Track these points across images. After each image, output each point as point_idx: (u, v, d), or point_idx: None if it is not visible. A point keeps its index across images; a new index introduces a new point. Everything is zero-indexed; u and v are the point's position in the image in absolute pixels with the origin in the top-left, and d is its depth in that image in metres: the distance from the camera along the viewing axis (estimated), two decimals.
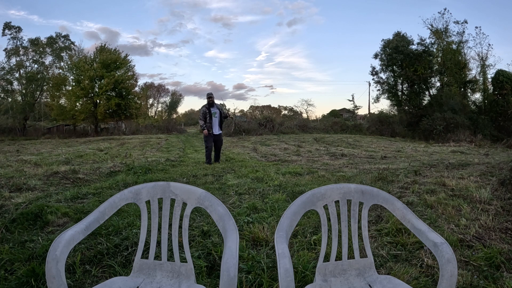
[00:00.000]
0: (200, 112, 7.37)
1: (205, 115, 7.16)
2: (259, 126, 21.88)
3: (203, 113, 7.18)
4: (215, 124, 7.26)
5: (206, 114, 7.15)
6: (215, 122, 7.26)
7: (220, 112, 7.37)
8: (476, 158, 7.55)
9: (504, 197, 3.40)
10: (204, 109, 7.19)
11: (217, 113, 7.28)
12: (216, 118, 7.28)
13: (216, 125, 7.29)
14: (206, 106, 7.20)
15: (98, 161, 7.93)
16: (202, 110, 7.23)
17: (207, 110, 7.14)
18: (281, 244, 1.16)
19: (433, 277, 1.91)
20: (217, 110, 7.29)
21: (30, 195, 3.95)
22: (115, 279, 1.32)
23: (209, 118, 7.15)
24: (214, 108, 7.26)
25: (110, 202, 1.38)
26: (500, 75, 19.60)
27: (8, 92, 26.87)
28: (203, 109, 7.22)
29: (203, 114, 7.18)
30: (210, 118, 7.17)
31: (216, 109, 7.29)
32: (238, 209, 3.35)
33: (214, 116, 7.23)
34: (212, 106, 7.21)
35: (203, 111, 7.20)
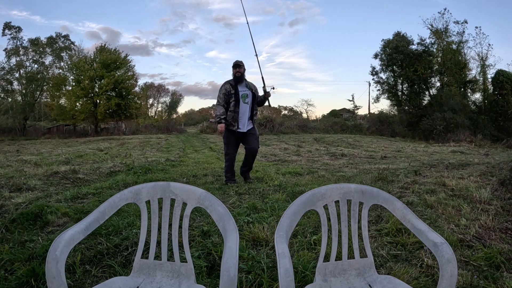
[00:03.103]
0: (220, 92, 4.47)
1: (228, 97, 4.42)
2: (259, 126, 21.88)
3: (225, 93, 4.43)
4: (244, 114, 4.46)
5: (229, 95, 4.41)
6: (244, 112, 4.46)
7: (253, 95, 4.52)
8: (476, 158, 7.55)
9: (504, 197, 3.40)
10: (228, 87, 4.43)
11: (248, 95, 4.48)
12: (247, 105, 4.48)
13: (246, 117, 4.48)
14: (231, 83, 4.46)
15: (98, 161, 7.93)
16: (224, 89, 4.46)
17: (231, 89, 4.43)
18: (281, 244, 1.16)
19: (433, 277, 1.91)
20: (248, 90, 4.51)
21: (30, 195, 3.95)
22: (115, 279, 1.32)
23: (234, 104, 4.39)
24: (243, 86, 4.48)
25: (110, 202, 1.38)
26: (500, 75, 19.60)
27: (8, 92, 26.87)
28: (226, 87, 4.46)
29: (224, 96, 4.43)
30: (237, 104, 4.40)
31: (247, 88, 4.52)
32: (238, 209, 3.35)
33: (244, 102, 4.46)
34: (240, 82, 4.45)
35: (224, 91, 4.45)
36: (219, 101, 4.42)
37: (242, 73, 4.46)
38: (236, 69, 4.46)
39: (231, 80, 4.48)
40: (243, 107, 4.46)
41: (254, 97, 4.55)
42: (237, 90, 4.42)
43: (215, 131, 24.30)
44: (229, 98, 4.40)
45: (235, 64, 4.46)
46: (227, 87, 4.43)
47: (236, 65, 4.46)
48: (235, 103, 4.39)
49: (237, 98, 4.40)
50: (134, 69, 28.82)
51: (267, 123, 22.56)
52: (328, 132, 23.17)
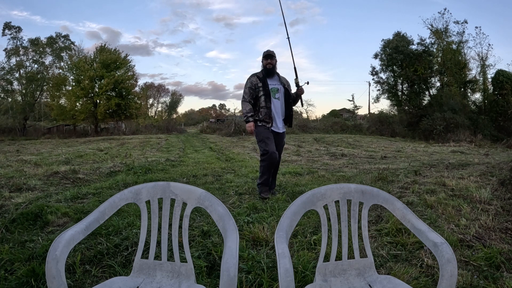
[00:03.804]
0: (245, 86, 3.82)
1: (255, 92, 3.75)
2: None
3: (251, 87, 3.76)
4: (277, 111, 3.79)
5: (257, 89, 3.74)
6: (277, 109, 3.79)
7: (286, 91, 3.84)
8: (476, 158, 7.55)
9: (504, 197, 3.40)
10: (254, 80, 3.78)
11: (280, 90, 3.80)
12: (279, 101, 3.80)
13: (280, 116, 3.82)
14: (258, 75, 3.80)
15: (98, 161, 7.93)
16: (250, 82, 3.78)
17: (258, 81, 3.75)
18: (281, 244, 1.16)
19: (433, 277, 1.91)
20: (279, 84, 3.83)
21: (30, 195, 3.95)
22: (115, 279, 1.32)
23: (264, 98, 3.71)
24: (275, 80, 3.83)
25: (110, 202, 1.38)
26: (500, 75, 19.60)
27: (8, 92, 26.88)
28: (252, 80, 3.79)
29: (250, 90, 3.76)
30: (267, 99, 3.71)
31: (278, 83, 3.84)
32: (238, 209, 3.35)
33: (274, 97, 3.76)
34: (270, 75, 3.80)
35: (250, 84, 3.78)
36: (245, 97, 3.74)
37: (274, 64, 3.77)
38: (267, 60, 3.74)
39: (259, 72, 3.82)
40: (274, 103, 3.74)
41: (287, 94, 3.82)
42: (266, 82, 3.72)
43: (215, 131, 24.29)
44: (256, 92, 3.72)
45: (267, 55, 3.76)
46: (253, 80, 3.74)
47: (268, 55, 3.75)
48: (266, 98, 3.67)
49: (267, 91, 3.67)
50: (134, 69, 28.87)
51: None
52: (328, 132, 23.17)
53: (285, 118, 3.88)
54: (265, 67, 3.79)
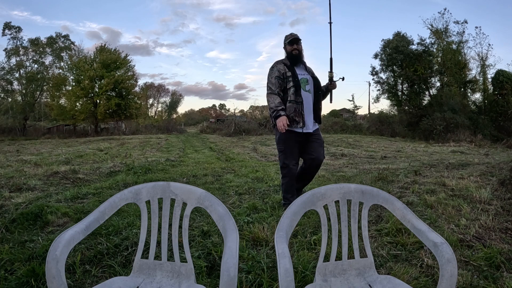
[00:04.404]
0: (270, 75, 3.18)
1: (282, 82, 3.12)
2: (259, 126, 21.88)
3: (278, 77, 3.12)
4: (307, 107, 3.15)
5: (284, 79, 3.12)
6: (307, 103, 3.15)
7: (314, 81, 3.24)
8: (476, 158, 7.55)
9: (504, 197, 3.40)
10: (281, 67, 3.16)
11: (309, 81, 3.19)
12: (309, 95, 3.17)
13: (310, 111, 3.18)
14: (285, 62, 3.19)
15: (98, 161, 7.93)
16: (278, 71, 3.14)
17: (286, 70, 3.14)
18: (281, 244, 1.16)
19: (433, 277, 1.91)
20: (308, 75, 3.23)
21: (30, 195, 3.95)
22: (115, 279, 1.32)
23: (294, 91, 3.09)
24: (302, 69, 3.24)
25: (110, 202, 1.38)
26: (500, 75, 19.59)
27: (8, 92, 26.89)
28: (279, 67, 3.16)
29: (278, 80, 3.12)
30: (297, 91, 3.09)
31: (306, 72, 3.25)
32: (238, 209, 3.35)
33: (305, 89, 3.15)
34: (297, 63, 3.21)
35: (277, 73, 3.14)
36: (272, 88, 3.06)
37: (300, 51, 3.18)
38: (293, 45, 3.14)
39: (284, 59, 3.21)
40: (304, 97, 3.09)
41: (317, 86, 3.22)
42: (295, 72, 3.09)
43: (215, 131, 24.25)
44: (284, 83, 3.08)
45: (293, 39, 3.14)
46: (281, 68, 3.11)
47: (294, 39, 3.14)
48: (295, 90, 3.03)
49: (297, 82, 3.04)
50: (134, 69, 28.89)
51: (267, 123, 22.54)
52: (328, 132, 23.16)
53: (315, 113, 3.22)
54: (291, 53, 3.16)
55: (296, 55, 3.19)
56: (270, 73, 3.18)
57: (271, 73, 3.18)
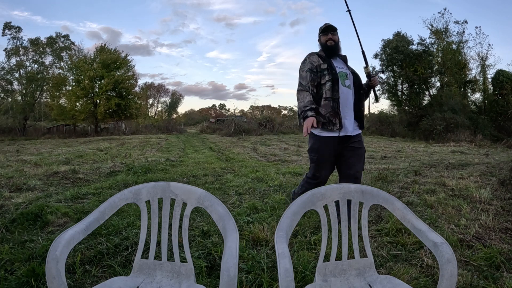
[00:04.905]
0: (302, 68, 2.68)
1: (317, 76, 2.60)
2: (259, 126, 21.87)
3: (311, 70, 2.61)
4: (347, 105, 2.60)
5: (318, 72, 2.60)
6: (347, 101, 2.60)
7: (355, 77, 2.73)
8: (476, 158, 7.55)
9: (504, 197, 3.40)
10: (315, 59, 2.66)
11: (349, 76, 2.67)
12: (349, 91, 2.64)
13: (351, 110, 2.63)
14: (319, 54, 2.71)
15: (98, 161, 7.93)
16: (309, 63, 2.64)
17: (321, 62, 2.63)
18: (281, 244, 1.16)
19: (433, 277, 1.91)
20: (347, 69, 2.71)
21: (30, 195, 3.95)
22: (115, 279, 1.32)
23: (331, 85, 2.54)
24: (340, 62, 2.74)
25: (110, 202, 1.38)
26: (500, 75, 19.59)
27: (8, 92, 26.89)
28: (312, 59, 2.66)
29: (310, 73, 2.60)
30: (335, 86, 2.55)
31: (346, 67, 2.74)
32: (238, 209, 3.35)
33: (344, 84, 2.61)
34: (334, 55, 2.71)
35: (310, 65, 2.63)
36: (302, 84, 2.57)
37: (336, 42, 2.66)
38: (327, 35, 2.64)
39: (319, 50, 2.71)
40: (344, 93, 2.54)
41: (358, 83, 2.69)
42: (332, 64, 2.57)
43: (215, 131, 24.25)
44: (319, 77, 2.55)
45: (327, 27, 2.65)
46: (314, 60, 2.60)
47: (328, 27, 2.64)
48: (332, 85, 2.50)
49: (334, 75, 2.51)
50: (134, 69, 28.89)
51: (267, 123, 22.55)
52: None
53: (356, 115, 2.65)
54: (325, 45, 2.65)
55: (332, 46, 2.66)
56: (301, 66, 2.67)
57: (302, 66, 2.66)
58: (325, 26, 2.72)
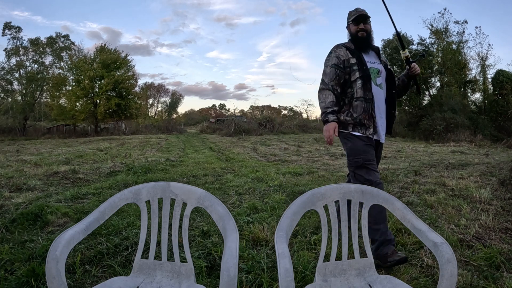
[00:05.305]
0: (326, 63, 2.27)
1: (344, 72, 2.21)
2: (259, 126, 21.87)
3: (337, 65, 2.20)
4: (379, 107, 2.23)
5: (346, 69, 2.20)
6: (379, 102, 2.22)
7: (388, 73, 2.29)
8: (476, 158, 7.55)
9: (504, 197, 3.40)
10: (342, 52, 2.23)
11: (381, 72, 2.26)
12: (381, 91, 2.24)
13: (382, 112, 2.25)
14: (349, 46, 2.27)
15: (98, 161, 7.93)
16: (335, 57, 2.23)
17: (350, 55, 2.22)
18: (281, 244, 1.16)
19: (433, 277, 1.91)
20: (380, 64, 2.28)
21: (30, 195, 3.95)
22: (115, 279, 1.32)
23: (361, 84, 2.16)
24: (372, 56, 2.29)
25: (110, 202, 1.38)
26: (500, 75, 19.59)
27: (8, 92, 26.90)
28: (339, 53, 2.24)
29: (335, 70, 2.20)
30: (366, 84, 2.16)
31: (378, 61, 2.29)
32: (238, 209, 3.35)
33: (375, 82, 2.21)
34: (365, 48, 2.28)
35: (336, 60, 2.22)
36: (325, 81, 2.21)
37: (369, 32, 2.26)
38: (358, 24, 2.24)
39: (347, 42, 2.31)
40: (376, 93, 2.19)
41: (391, 80, 2.29)
42: (362, 58, 2.19)
43: (215, 131, 24.24)
44: (347, 74, 2.19)
45: (359, 16, 2.24)
46: (341, 54, 2.21)
47: (360, 16, 2.24)
48: (363, 83, 2.15)
49: (365, 72, 2.15)
50: (134, 69, 28.89)
51: (267, 123, 22.54)
52: None
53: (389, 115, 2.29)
54: (356, 35, 2.25)
55: (364, 37, 2.24)
56: (326, 61, 2.27)
57: (327, 60, 2.26)
58: (357, 14, 2.27)
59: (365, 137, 2.18)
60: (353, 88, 2.19)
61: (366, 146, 2.17)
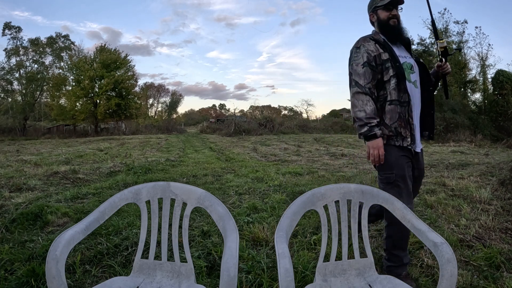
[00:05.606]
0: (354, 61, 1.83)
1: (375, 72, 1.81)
2: (259, 126, 21.87)
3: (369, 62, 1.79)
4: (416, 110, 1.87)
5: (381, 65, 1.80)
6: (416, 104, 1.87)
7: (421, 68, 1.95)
8: (476, 158, 7.55)
9: (504, 197, 3.40)
10: (372, 47, 1.82)
11: (414, 67, 1.90)
12: (417, 91, 1.89)
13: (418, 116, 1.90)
14: (376, 39, 1.86)
15: (98, 161, 7.93)
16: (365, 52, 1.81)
17: (381, 50, 1.82)
18: (281, 244, 1.16)
19: (433, 277, 1.91)
20: (411, 58, 1.92)
21: (30, 195, 3.95)
22: (115, 279, 1.32)
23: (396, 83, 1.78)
24: (402, 49, 1.93)
25: (110, 202, 1.38)
26: (500, 75, 19.59)
27: (8, 92, 26.90)
28: (368, 48, 1.82)
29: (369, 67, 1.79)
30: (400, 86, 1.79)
31: (409, 54, 1.94)
32: (238, 209, 3.35)
33: (409, 80, 1.84)
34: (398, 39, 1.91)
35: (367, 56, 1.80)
36: (360, 84, 1.80)
37: (399, 20, 1.91)
38: (388, 10, 1.90)
39: (375, 33, 1.92)
40: (412, 93, 1.84)
41: (425, 75, 1.97)
42: (394, 53, 1.83)
43: (215, 131, 24.25)
44: (379, 72, 1.83)
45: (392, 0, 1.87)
46: (371, 48, 1.83)
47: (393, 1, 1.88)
48: (397, 83, 1.80)
49: (399, 69, 1.80)
50: (134, 69, 28.89)
51: (267, 123, 22.54)
52: (328, 132, 23.16)
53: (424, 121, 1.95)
54: (387, 23, 1.89)
55: (395, 26, 1.89)
56: (354, 58, 1.85)
57: (355, 57, 1.84)
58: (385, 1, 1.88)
59: (404, 149, 1.82)
60: (386, 89, 1.81)
61: (402, 158, 1.81)
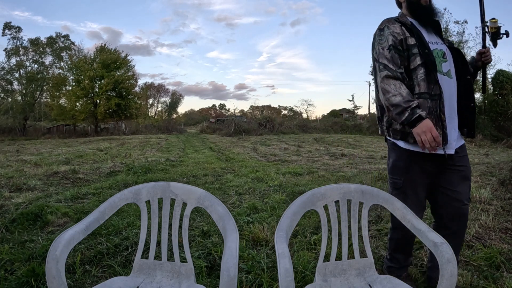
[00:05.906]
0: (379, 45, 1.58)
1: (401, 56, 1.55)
2: (259, 126, 21.88)
3: (394, 46, 1.54)
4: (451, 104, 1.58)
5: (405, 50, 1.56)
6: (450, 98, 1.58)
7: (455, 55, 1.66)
8: (476, 158, 7.55)
9: (504, 197, 3.40)
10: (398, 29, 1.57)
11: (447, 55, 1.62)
12: (450, 80, 1.59)
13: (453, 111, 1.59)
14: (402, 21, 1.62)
15: (98, 161, 7.93)
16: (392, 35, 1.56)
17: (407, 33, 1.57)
18: (281, 244, 1.16)
19: None
20: (443, 44, 1.65)
21: (30, 195, 3.95)
22: (115, 279, 1.32)
23: (423, 75, 1.52)
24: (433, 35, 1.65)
25: (110, 202, 1.38)
26: (500, 75, 19.58)
27: (8, 92, 26.91)
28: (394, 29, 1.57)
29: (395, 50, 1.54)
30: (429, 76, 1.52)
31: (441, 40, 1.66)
32: (238, 209, 3.35)
33: (441, 70, 1.56)
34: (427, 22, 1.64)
35: (392, 40, 1.55)
36: (390, 67, 1.55)
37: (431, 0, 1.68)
38: None
39: (401, 15, 1.71)
40: (444, 85, 1.57)
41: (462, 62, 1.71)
42: (423, 38, 1.59)
43: (215, 131, 24.25)
44: (405, 59, 1.58)
45: None
46: (397, 31, 1.59)
47: None
48: (426, 72, 1.54)
49: (428, 57, 1.54)
50: (134, 69, 28.91)
51: (267, 123, 22.54)
52: (328, 132, 23.17)
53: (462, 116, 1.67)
54: (417, 3, 1.66)
55: (427, 6, 1.66)
56: (379, 41, 1.62)
57: (380, 40, 1.62)
58: None
59: (419, 155, 1.58)
60: (413, 79, 1.57)
61: (414, 167, 1.61)
